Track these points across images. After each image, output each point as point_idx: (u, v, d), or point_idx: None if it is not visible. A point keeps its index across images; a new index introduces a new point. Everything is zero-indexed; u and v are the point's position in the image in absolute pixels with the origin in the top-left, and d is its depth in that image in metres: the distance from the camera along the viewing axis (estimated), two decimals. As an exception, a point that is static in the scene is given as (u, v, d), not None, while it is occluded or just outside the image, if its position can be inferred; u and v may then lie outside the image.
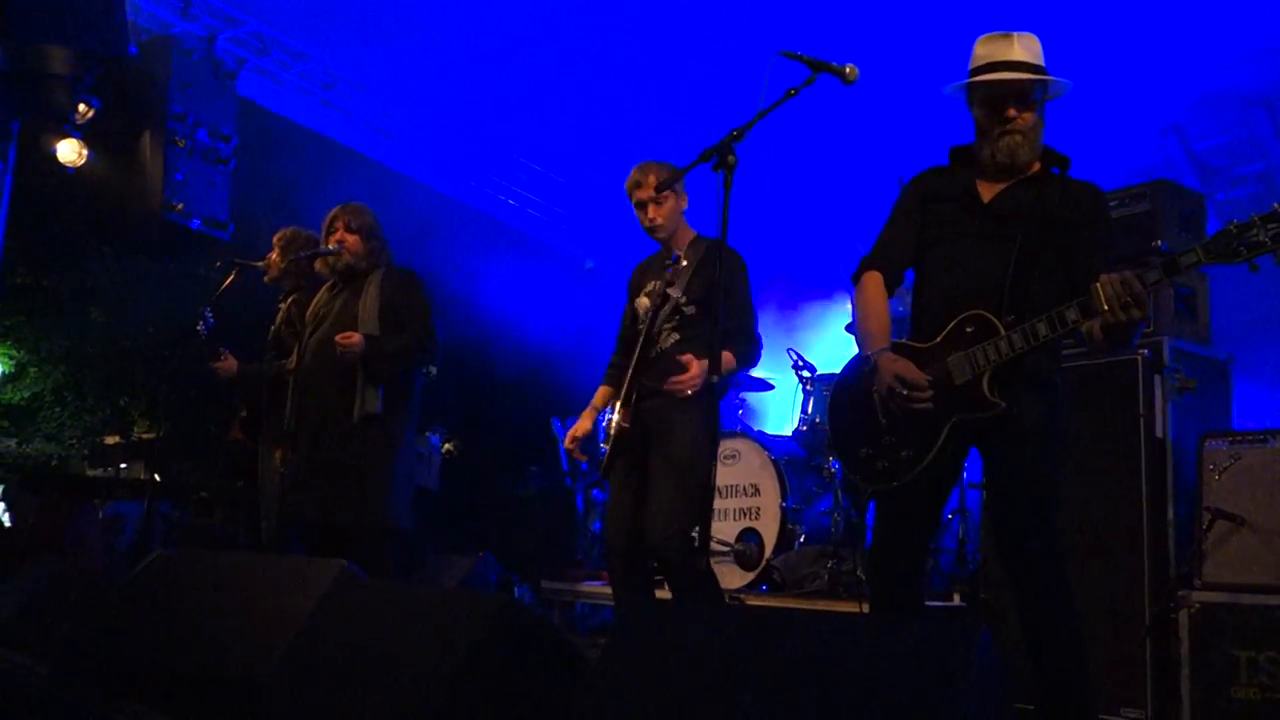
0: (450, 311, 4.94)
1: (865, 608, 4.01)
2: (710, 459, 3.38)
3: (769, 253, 8.20)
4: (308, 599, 2.99)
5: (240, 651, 2.94)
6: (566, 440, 4.33)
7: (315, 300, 4.87)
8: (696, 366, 3.85)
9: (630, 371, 4.07)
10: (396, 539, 4.66)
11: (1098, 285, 2.78)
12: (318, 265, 4.89)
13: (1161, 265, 2.80)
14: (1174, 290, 4.48)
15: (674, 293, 4.05)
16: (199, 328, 5.34)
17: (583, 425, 4.30)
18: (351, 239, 4.73)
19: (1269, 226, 2.65)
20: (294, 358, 4.79)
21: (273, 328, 5.49)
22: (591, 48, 6.91)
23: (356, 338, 4.45)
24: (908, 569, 3.22)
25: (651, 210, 4.14)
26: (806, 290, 8.44)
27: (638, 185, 4.14)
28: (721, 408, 4.14)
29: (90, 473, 7.06)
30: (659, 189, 3.99)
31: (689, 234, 4.25)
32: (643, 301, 4.21)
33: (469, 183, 8.83)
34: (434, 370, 5.02)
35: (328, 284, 4.88)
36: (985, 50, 3.16)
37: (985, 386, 2.97)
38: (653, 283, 4.20)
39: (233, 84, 6.90)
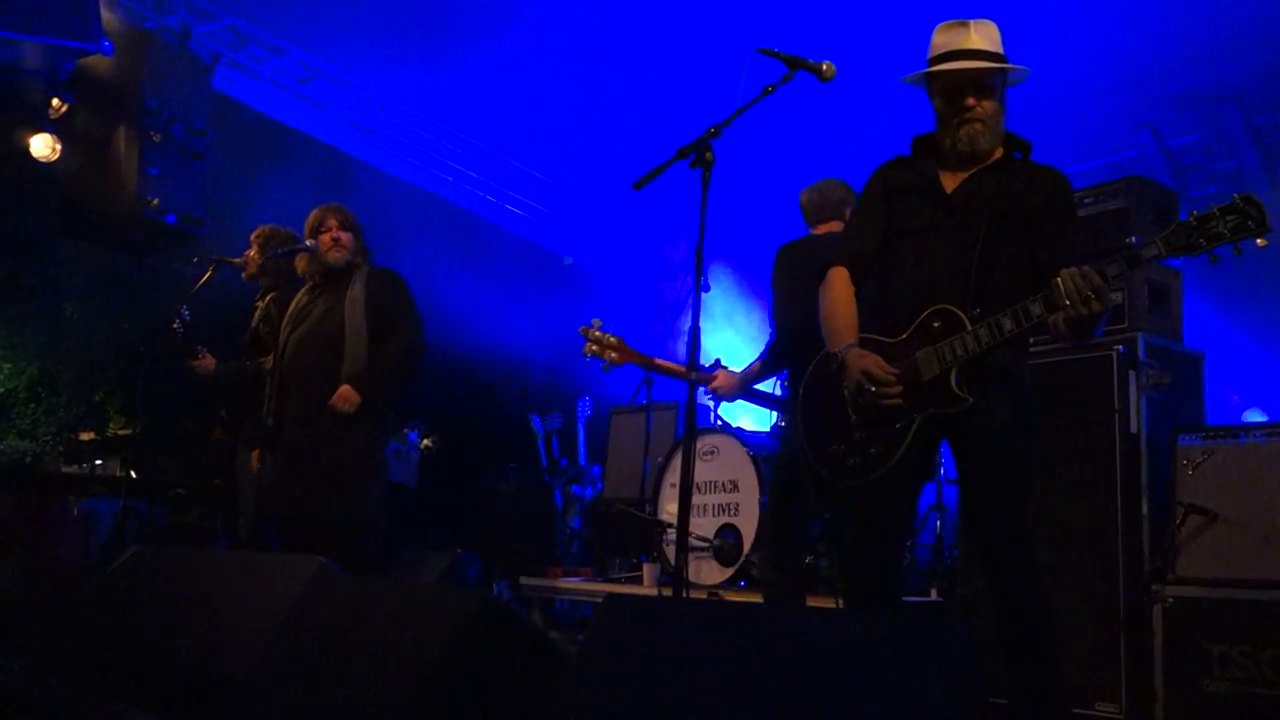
0: (429, 308, 4.93)
1: (840, 603, 4.02)
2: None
3: (753, 248, 8.23)
4: (286, 596, 2.98)
5: (218, 648, 2.92)
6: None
7: (295, 299, 4.84)
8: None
9: None
10: (376, 535, 4.67)
11: (1058, 279, 2.80)
12: (299, 264, 4.87)
13: (1123, 258, 2.82)
14: (1147, 286, 4.52)
15: None
16: (175, 325, 5.31)
17: None
18: (346, 235, 4.73)
19: (1228, 218, 2.69)
20: (271, 356, 4.77)
21: (250, 325, 5.47)
22: (572, 44, 6.90)
23: (352, 396, 4.45)
24: (884, 564, 3.22)
25: None
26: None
27: None
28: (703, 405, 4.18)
29: (65, 469, 7.00)
30: (635, 187, 3.98)
31: None
32: None
33: (448, 178, 8.81)
34: None
35: (308, 284, 4.85)
36: (943, 39, 3.15)
37: (953, 381, 2.98)
38: None
39: (208, 78, 6.84)
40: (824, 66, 3.08)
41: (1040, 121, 5.52)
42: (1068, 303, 2.78)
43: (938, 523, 5.48)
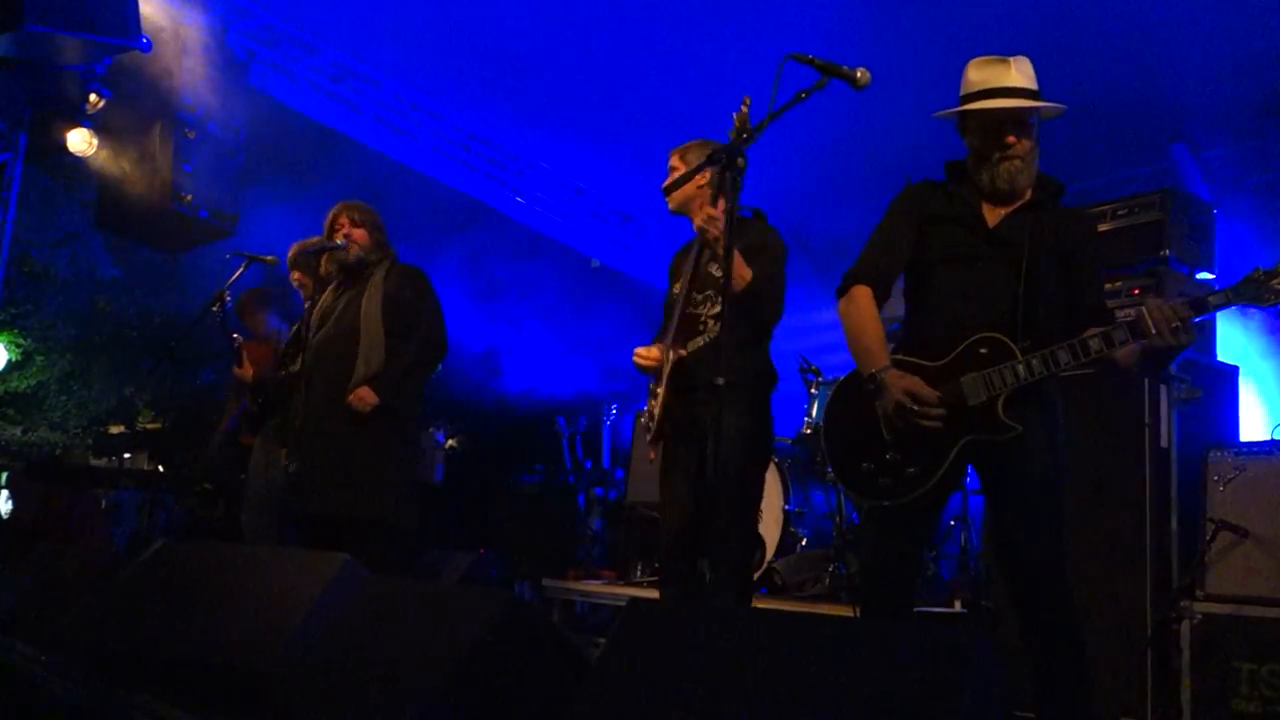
0: (457, 308, 4.95)
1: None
2: (750, 457, 3.54)
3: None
4: (310, 592, 3.00)
5: (242, 643, 2.94)
6: (640, 353, 4.01)
7: (321, 300, 4.84)
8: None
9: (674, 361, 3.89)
10: (402, 535, 4.68)
11: (1145, 309, 2.85)
12: (322, 265, 4.87)
13: (1190, 303, 2.87)
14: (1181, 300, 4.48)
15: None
16: (215, 308, 5.37)
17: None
18: (358, 232, 4.72)
19: None
20: (299, 360, 4.75)
21: (295, 326, 5.52)
22: (604, 47, 6.90)
23: (369, 397, 4.47)
24: (904, 581, 3.22)
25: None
26: (815, 295, 8.43)
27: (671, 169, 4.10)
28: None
29: (94, 462, 7.07)
30: (665, 190, 3.97)
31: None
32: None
33: (479, 179, 8.83)
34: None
35: (333, 284, 4.86)
36: (980, 75, 3.13)
37: (1000, 409, 2.97)
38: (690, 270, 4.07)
39: (244, 76, 6.91)
40: (858, 73, 3.05)
41: (1076, 132, 5.50)
42: (1154, 332, 2.83)
43: (963, 535, 5.45)
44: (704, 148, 4.00)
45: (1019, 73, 3.10)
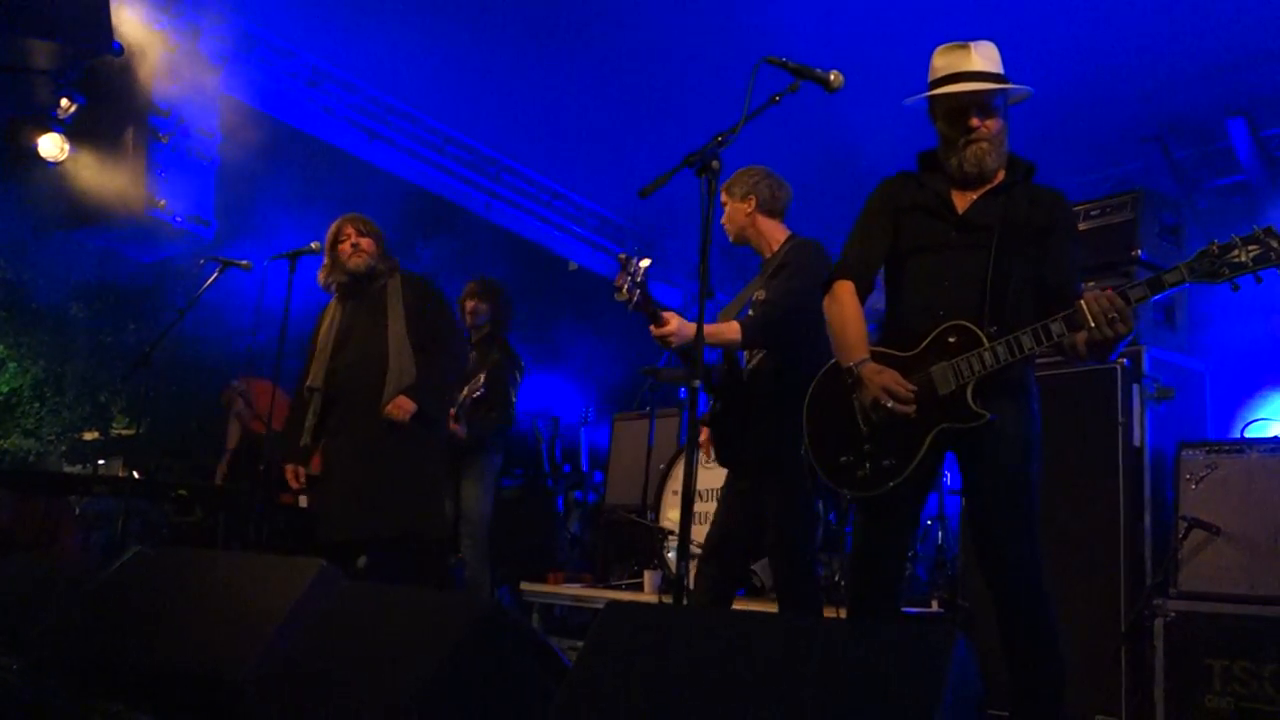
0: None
1: (842, 613, 4.02)
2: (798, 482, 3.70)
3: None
4: (286, 598, 2.99)
5: (218, 650, 2.93)
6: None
7: (328, 316, 4.80)
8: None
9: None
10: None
11: (1083, 301, 2.85)
12: (319, 277, 4.82)
13: (1146, 283, 2.87)
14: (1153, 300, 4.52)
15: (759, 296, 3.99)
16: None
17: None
18: (366, 242, 4.71)
19: (1249, 248, 2.74)
20: (312, 376, 4.71)
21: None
22: (580, 50, 6.90)
23: (407, 404, 4.47)
24: (888, 575, 3.23)
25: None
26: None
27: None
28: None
29: (68, 469, 7.02)
30: (641, 195, 3.98)
31: (779, 236, 4.16)
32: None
33: (455, 183, 8.81)
34: None
35: (334, 295, 4.82)
36: (944, 61, 3.18)
37: (969, 397, 3.00)
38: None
39: (217, 80, 6.87)
40: (830, 76, 3.08)
41: (1048, 132, 5.53)
42: (1092, 325, 2.84)
43: (939, 534, 5.47)
44: (746, 176, 4.12)
45: (980, 56, 3.14)
